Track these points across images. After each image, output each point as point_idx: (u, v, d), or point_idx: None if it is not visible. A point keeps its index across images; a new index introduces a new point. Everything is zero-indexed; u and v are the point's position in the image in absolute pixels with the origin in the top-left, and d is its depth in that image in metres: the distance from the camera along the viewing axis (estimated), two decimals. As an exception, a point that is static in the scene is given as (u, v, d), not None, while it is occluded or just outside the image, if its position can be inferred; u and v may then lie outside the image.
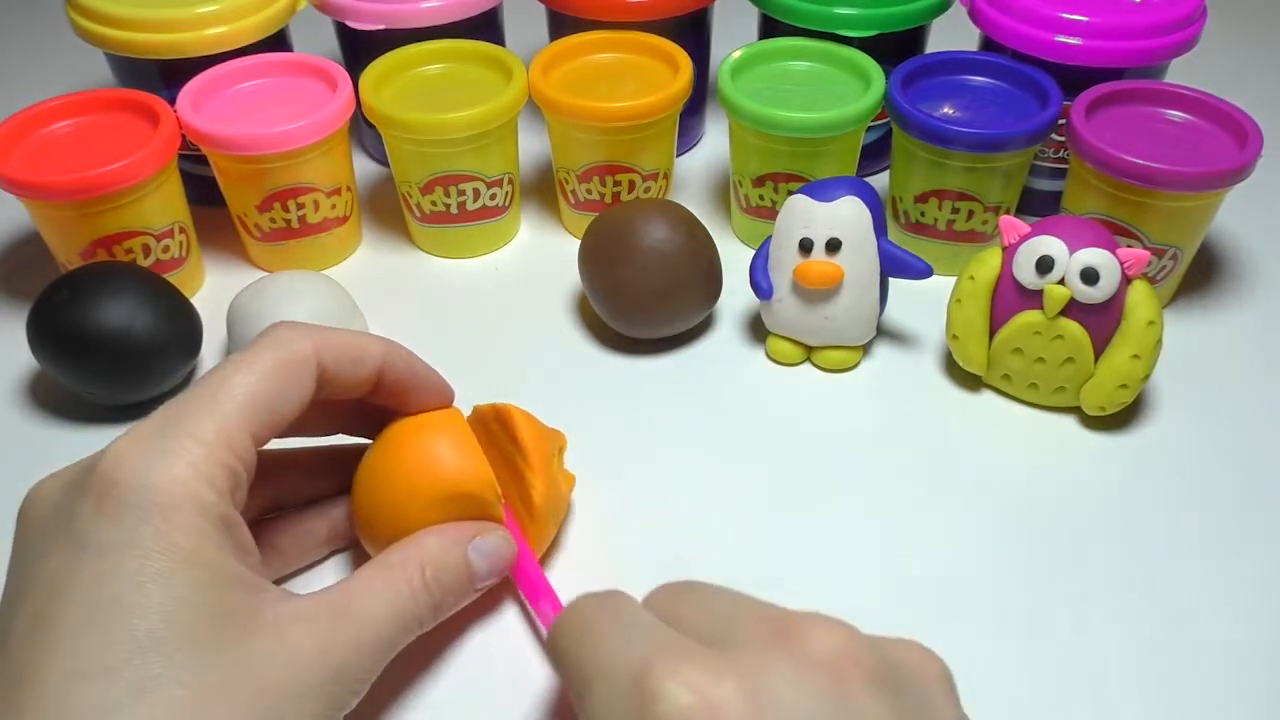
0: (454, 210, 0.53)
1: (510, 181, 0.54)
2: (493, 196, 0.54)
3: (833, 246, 0.45)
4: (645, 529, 0.41)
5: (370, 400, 0.36)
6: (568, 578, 0.39)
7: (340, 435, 0.39)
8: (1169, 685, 0.36)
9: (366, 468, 0.36)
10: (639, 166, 0.53)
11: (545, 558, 0.40)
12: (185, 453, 0.28)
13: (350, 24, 0.55)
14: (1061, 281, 0.42)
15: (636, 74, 0.54)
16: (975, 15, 0.55)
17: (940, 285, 0.48)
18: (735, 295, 0.51)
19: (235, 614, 0.27)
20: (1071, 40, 0.51)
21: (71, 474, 0.29)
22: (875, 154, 0.59)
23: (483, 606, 0.38)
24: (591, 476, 0.42)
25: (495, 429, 0.38)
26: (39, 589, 0.27)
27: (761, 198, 0.53)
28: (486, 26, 0.57)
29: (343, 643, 0.29)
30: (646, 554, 0.40)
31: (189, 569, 0.27)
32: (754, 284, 0.47)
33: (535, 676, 0.36)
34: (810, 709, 0.23)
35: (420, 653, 0.36)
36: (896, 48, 0.55)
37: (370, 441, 0.37)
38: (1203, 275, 0.54)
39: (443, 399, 0.37)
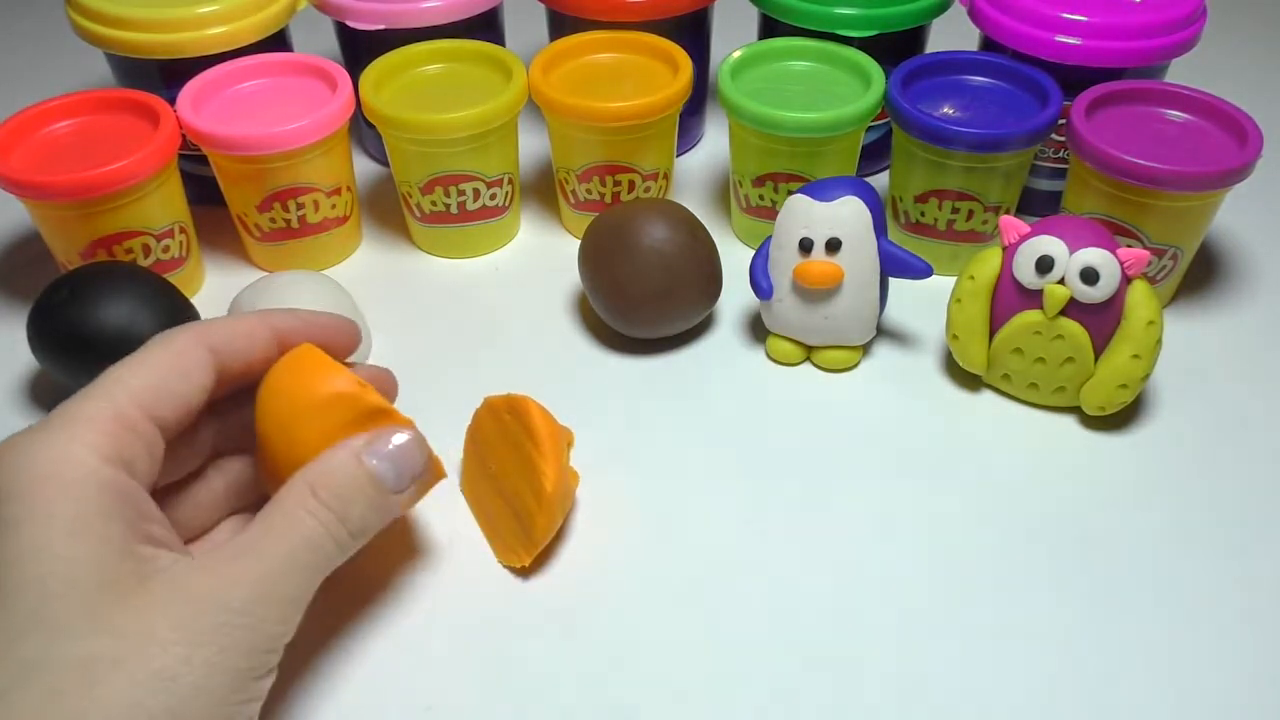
0: (454, 210, 0.53)
1: (510, 181, 0.54)
2: (493, 196, 0.54)
3: (833, 246, 0.45)
4: (645, 527, 0.41)
5: None
6: (568, 573, 0.39)
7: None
8: (1169, 684, 0.36)
9: (255, 421, 0.35)
10: (639, 166, 0.53)
11: (549, 550, 0.40)
12: (67, 427, 0.28)
13: (350, 24, 0.55)
14: (1061, 281, 0.42)
15: (636, 74, 0.54)
16: (975, 15, 0.55)
17: (940, 285, 0.48)
18: (735, 295, 0.51)
19: (124, 579, 0.27)
20: (1071, 40, 0.51)
21: None
22: (875, 154, 0.59)
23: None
24: (592, 475, 0.42)
25: (507, 419, 0.39)
26: None
27: (761, 198, 0.53)
28: (486, 26, 0.57)
29: (248, 575, 0.29)
30: (646, 552, 0.40)
31: (69, 540, 0.27)
32: (754, 284, 0.47)
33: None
34: None
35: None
36: (896, 48, 0.55)
37: None
38: (1203, 275, 0.54)
39: (349, 337, 0.38)
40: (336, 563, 0.32)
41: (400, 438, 0.33)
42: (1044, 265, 0.42)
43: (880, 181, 0.58)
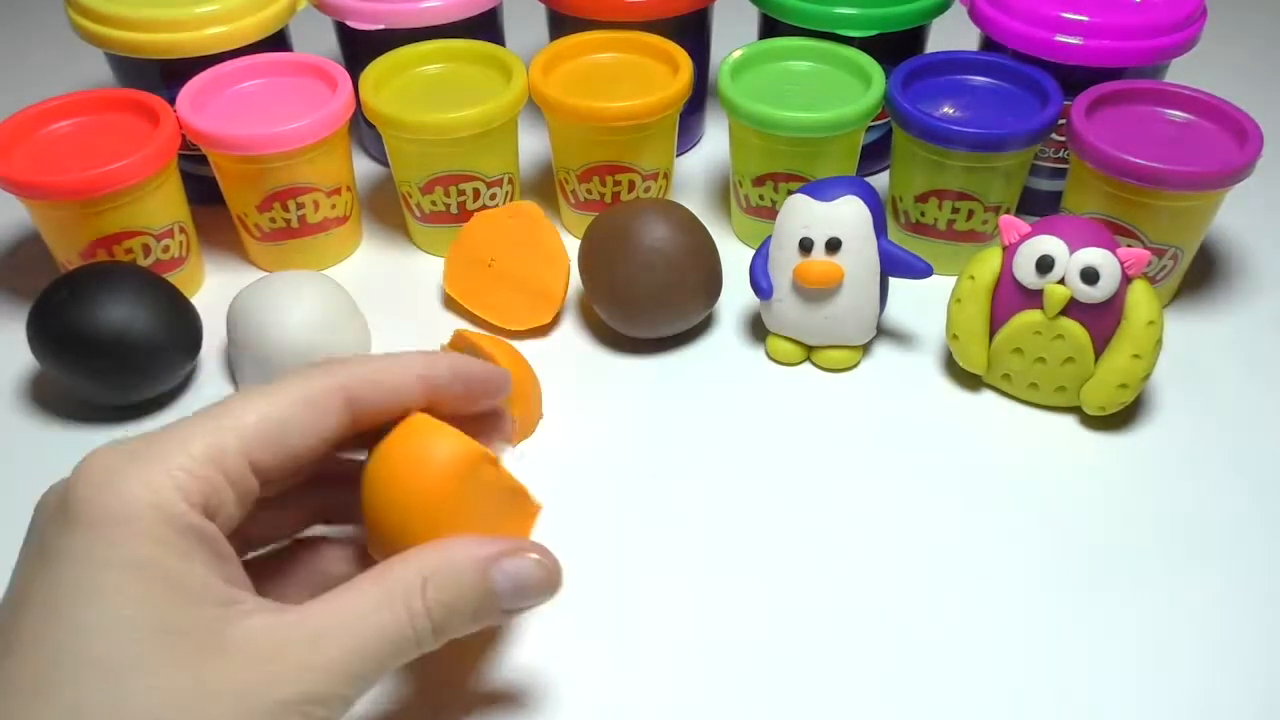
0: (454, 210, 0.53)
1: (510, 181, 0.54)
2: (493, 196, 0.54)
3: (833, 246, 0.45)
4: (645, 527, 0.41)
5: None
6: (568, 574, 0.39)
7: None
8: (1168, 684, 0.36)
9: (363, 495, 0.32)
10: (639, 166, 0.53)
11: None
12: (156, 461, 0.26)
13: (350, 24, 0.55)
14: (1062, 281, 0.42)
15: (636, 74, 0.54)
16: (975, 15, 0.55)
17: (940, 285, 0.48)
18: (735, 295, 0.51)
19: (191, 632, 0.25)
20: (1071, 40, 0.51)
21: (63, 481, 0.27)
22: (875, 154, 0.59)
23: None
24: (592, 475, 0.42)
25: (511, 223, 0.48)
26: (7, 602, 0.26)
27: (761, 198, 0.53)
28: (486, 26, 0.57)
29: (319, 664, 0.26)
30: (646, 552, 0.40)
31: (141, 583, 0.25)
32: (754, 284, 0.47)
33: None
34: None
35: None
36: (896, 48, 0.55)
37: None
38: (1203, 275, 0.54)
39: (500, 388, 0.34)
40: (409, 659, 0.29)
41: (531, 559, 0.30)
42: (1044, 265, 0.42)
43: (880, 181, 0.58)
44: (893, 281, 0.48)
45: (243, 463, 0.28)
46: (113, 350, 0.43)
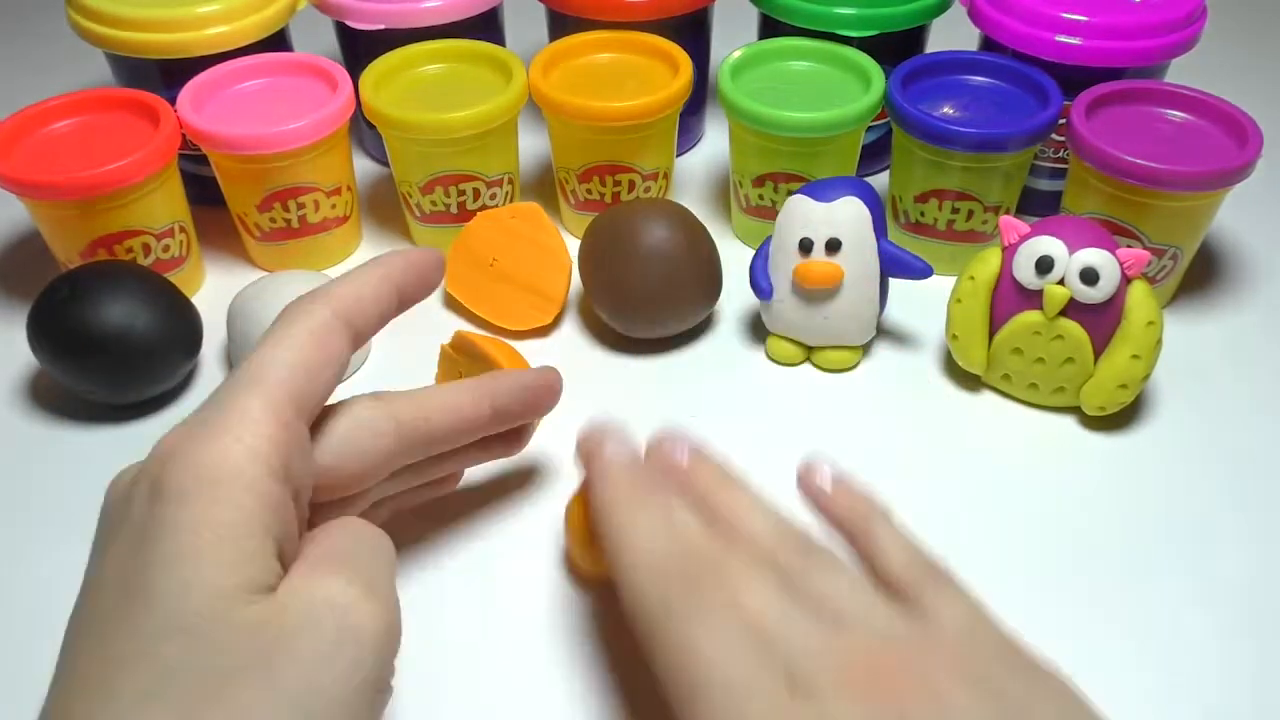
0: (454, 210, 0.53)
1: (510, 181, 0.54)
2: (493, 196, 0.54)
3: (833, 246, 0.45)
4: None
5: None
6: (567, 575, 0.39)
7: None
8: (1167, 684, 0.36)
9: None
10: (639, 166, 0.53)
11: (549, 553, 0.40)
12: (229, 428, 0.27)
13: (350, 24, 0.55)
14: (1061, 281, 0.42)
15: (636, 74, 0.54)
16: (975, 15, 0.55)
17: (940, 285, 0.48)
18: (735, 295, 0.51)
19: (268, 598, 0.26)
20: (1071, 40, 0.51)
21: (140, 463, 0.28)
22: (875, 154, 0.59)
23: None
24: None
25: (513, 223, 0.50)
26: (96, 584, 0.27)
27: (761, 198, 0.53)
28: (486, 26, 0.57)
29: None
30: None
31: (218, 548, 0.26)
32: (754, 284, 0.47)
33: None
34: None
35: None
36: (896, 48, 0.55)
37: None
38: (1203, 275, 0.54)
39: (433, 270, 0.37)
40: None
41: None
42: (1044, 265, 0.43)
43: (880, 181, 0.58)
44: (893, 281, 0.48)
45: (295, 415, 0.29)
46: (113, 350, 0.43)
